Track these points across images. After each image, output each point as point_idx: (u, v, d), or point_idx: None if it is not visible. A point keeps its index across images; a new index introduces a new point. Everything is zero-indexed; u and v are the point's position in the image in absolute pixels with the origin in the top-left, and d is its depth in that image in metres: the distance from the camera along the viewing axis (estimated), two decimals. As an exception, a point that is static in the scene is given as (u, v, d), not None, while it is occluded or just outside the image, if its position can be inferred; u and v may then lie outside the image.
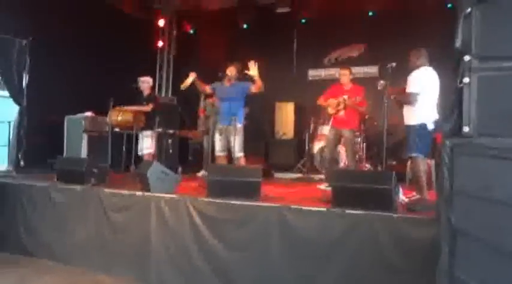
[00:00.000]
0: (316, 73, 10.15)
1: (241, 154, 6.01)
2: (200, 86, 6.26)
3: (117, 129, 7.30)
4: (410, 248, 3.53)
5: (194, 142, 9.12)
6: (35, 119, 7.84)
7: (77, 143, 7.81)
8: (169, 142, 8.57)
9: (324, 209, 4.08)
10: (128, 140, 7.25)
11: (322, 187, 6.04)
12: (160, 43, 10.90)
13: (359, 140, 7.90)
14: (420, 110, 4.66)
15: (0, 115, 8.17)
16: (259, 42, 9.77)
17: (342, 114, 6.23)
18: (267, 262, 4.15)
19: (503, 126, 2.04)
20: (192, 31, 11.21)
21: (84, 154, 7.67)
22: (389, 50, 6.76)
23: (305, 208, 4.14)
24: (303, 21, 10.12)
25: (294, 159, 9.31)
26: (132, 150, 7.10)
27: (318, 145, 8.09)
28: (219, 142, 6.19)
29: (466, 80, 2.21)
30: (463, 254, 2.21)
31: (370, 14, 9.23)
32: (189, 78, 6.13)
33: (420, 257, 3.38)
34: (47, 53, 7.80)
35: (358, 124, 6.63)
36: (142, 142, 7.19)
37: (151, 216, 4.84)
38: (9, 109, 8.03)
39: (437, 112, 4.70)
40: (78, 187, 5.52)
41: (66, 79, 7.98)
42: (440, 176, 2.41)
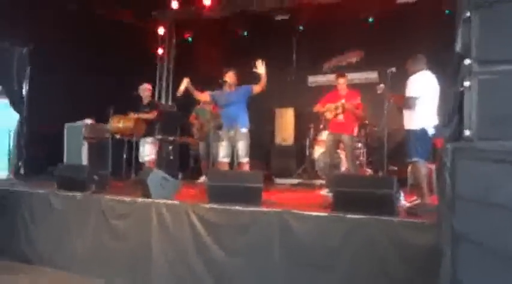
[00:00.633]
0: (315, 80, 10.16)
1: (246, 159, 5.91)
2: (193, 92, 6.19)
3: (117, 135, 7.31)
4: (412, 253, 3.52)
5: (195, 149, 9.13)
6: (35, 127, 7.87)
7: (77, 150, 7.81)
8: (170, 148, 8.58)
9: (325, 214, 4.08)
10: (129, 147, 7.25)
11: (323, 193, 6.03)
12: (160, 51, 10.93)
13: (360, 145, 7.91)
14: (420, 115, 4.67)
15: (0, 123, 8.18)
16: (259, 49, 9.75)
17: (341, 118, 6.21)
18: (268, 268, 4.14)
19: (504, 130, 2.04)
20: (191, 38, 11.24)
21: (84, 161, 7.67)
22: (388, 56, 6.79)
23: (306, 213, 4.13)
24: (302, 28, 10.14)
25: (294, 164, 9.31)
26: (132, 157, 7.10)
27: (319, 150, 8.09)
28: (223, 148, 6.07)
29: (466, 84, 2.22)
30: (466, 259, 2.20)
31: (370, 20, 9.26)
32: (182, 84, 6.12)
33: (421, 262, 3.37)
34: (47, 61, 7.84)
35: (355, 129, 6.62)
36: (144, 149, 7.21)
37: (152, 223, 4.83)
38: (10, 118, 8.05)
39: (437, 117, 4.71)
40: (79, 195, 5.51)
41: (66, 87, 8.01)
42: (442, 180, 2.40)
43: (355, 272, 3.76)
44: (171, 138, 8.62)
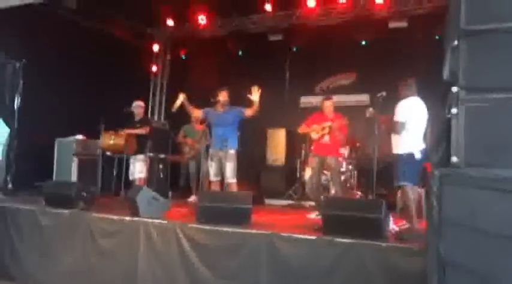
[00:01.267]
0: (307, 101, 10.21)
1: (233, 180, 5.95)
2: (188, 108, 6.25)
3: (108, 153, 7.27)
4: (399, 278, 3.51)
5: (185, 167, 9.10)
6: (25, 142, 7.79)
7: (67, 166, 7.76)
8: (160, 167, 8.54)
9: (314, 237, 4.06)
10: (119, 164, 7.21)
11: (312, 216, 6.01)
12: (154, 68, 10.98)
13: (350, 167, 7.92)
14: (407, 139, 4.71)
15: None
16: (252, 68, 9.86)
17: (327, 139, 6.12)
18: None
19: (490, 157, 2.06)
20: (185, 56, 11.31)
21: (74, 177, 7.61)
22: (381, 79, 6.86)
23: (295, 235, 4.12)
24: (295, 49, 10.25)
25: (285, 185, 9.28)
26: (122, 174, 7.05)
27: (309, 172, 8.07)
28: (213, 168, 6.12)
29: (454, 111, 2.24)
30: (452, 286, 2.19)
31: (362, 43, 9.39)
32: (178, 99, 6.14)
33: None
34: (40, 75, 7.81)
35: (341, 152, 6.57)
36: (134, 167, 7.17)
37: (140, 242, 4.78)
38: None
39: (424, 142, 4.77)
40: (66, 211, 5.45)
41: (58, 102, 7.98)
42: (429, 206, 2.41)
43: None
44: (162, 156, 8.59)
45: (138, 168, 7.15)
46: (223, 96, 6.14)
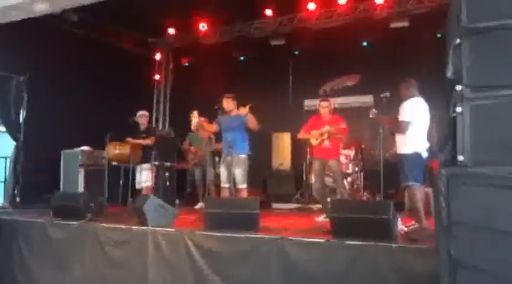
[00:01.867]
0: (312, 103, 10.15)
1: (243, 186, 5.87)
2: (206, 127, 6.32)
3: (114, 162, 7.29)
4: (411, 278, 3.48)
5: (191, 174, 9.10)
6: (31, 154, 7.84)
7: (73, 177, 7.77)
8: (167, 175, 8.53)
9: (324, 240, 4.04)
10: (125, 174, 7.22)
11: (319, 220, 5.99)
12: (157, 76, 11.01)
13: (356, 169, 7.90)
14: (412, 138, 4.71)
15: (-3, 150, 8.18)
16: (255, 74, 9.89)
17: (327, 143, 6.09)
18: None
19: (497, 154, 2.04)
20: (188, 64, 11.34)
21: (81, 188, 7.62)
22: (384, 80, 6.83)
23: (305, 239, 4.10)
24: (298, 52, 10.26)
25: (291, 189, 9.24)
26: (129, 184, 7.07)
27: (314, 175, 8.06)
28: (223, 174, 6.07)
29: (458, 109, 2.22)
30: (464, 286, 2.17)
31: (364, 44, 9.38)
32: (194, 117, 6.15)
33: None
34: (44, 88, 7.87)
35: (341, 153, 6.56)
36: (141, 176, 7.19)
37: (148, 251, 4.78)
38: (6, 145, 8.04)
39: (427, 141, 4.77)
40: (75, 223, 5.47)
41: (63, 114, 8.04)
42: (437, 206, 2.39)
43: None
44: (168, 164, 8.59)
45: (145, 177, 7.17)
46: (227, 103, 6.12)
